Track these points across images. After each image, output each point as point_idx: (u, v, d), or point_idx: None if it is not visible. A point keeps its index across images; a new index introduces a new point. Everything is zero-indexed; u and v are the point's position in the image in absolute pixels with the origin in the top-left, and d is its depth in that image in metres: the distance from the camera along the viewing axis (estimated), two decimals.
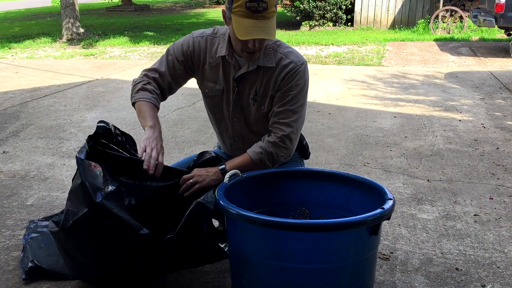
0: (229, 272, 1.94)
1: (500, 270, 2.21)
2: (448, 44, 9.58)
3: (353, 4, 12.33)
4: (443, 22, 11.03)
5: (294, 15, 12.46)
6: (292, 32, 11.85)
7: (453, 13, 11.01)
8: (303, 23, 12.40)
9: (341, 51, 8.95)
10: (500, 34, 10.13)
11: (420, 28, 11.22)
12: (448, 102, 5.27)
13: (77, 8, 11.25)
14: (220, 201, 1.72)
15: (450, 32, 10.85)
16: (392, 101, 5.38)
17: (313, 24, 12.28)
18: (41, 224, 2.51)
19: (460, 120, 4.60)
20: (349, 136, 4.19)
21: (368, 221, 1.60)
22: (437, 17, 11.02)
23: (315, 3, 11.96)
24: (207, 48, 2.08)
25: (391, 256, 2.33)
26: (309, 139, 3.87)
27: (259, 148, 2.03)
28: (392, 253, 2.36)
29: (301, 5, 12.03)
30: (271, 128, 2.05)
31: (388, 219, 1.68)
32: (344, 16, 12.34)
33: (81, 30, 11.19)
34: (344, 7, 12.26)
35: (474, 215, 2.74)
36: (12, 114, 5.00)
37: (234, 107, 2.11)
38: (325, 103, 5.33)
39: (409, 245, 2.42)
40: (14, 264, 2.28)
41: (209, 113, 2.27)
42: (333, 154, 3.76)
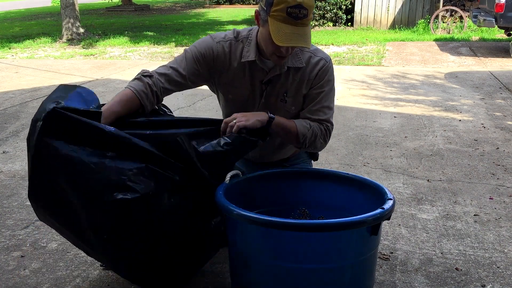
0: (229, 272, 1.94)
1: (500, 270, 2.21)
2: (448, 44, 9.58)
3: (353, 4, 12.33)
4: (443, 22, 11.03)
5: None
6: None
7: (453, 13, 11.01)
8: None
9: (341, 51, 8.95)
10: (500, 34, 10.13)
11: (420, 28, 11.22)
12: (448, 102, 5.27)
13: (77, 8, 11.25)
14: (220, 201, 1.72)
15: (450, 32, 10.85)
16: (392, 101, 5.38)
17: (313, 24, 12.28)
18: None
19: (460, 120, 4.60)
20: (349, 136, 4.19)
21: (368, 221, 1.60)
22: (437, 17, 11.02)
23: (315, 3, 11.97)
24: (231, 53, 2.02)
25: (391, 256, 2.33)
26: None
27: (307, 124, 2.00)
28: (392, 253, 2.36)
29: None
30: (308, 116, 2.05)
31: (388, 219, 1.68)
32: (344, 16, 12.35)
33: (81, 30, 11.20)
34: (344, 7, 12.26)
35: (474, 215, 2.74)
36: (12, 114, 5.00)
37: (260, 110, 2.06)
38: None
39: (409, 245, 2.42)
40: (14, 264, 2.28)
41: (227, 116, 2.21)
42: (333, 154, 3.76)
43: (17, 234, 2.56)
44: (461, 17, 10.93)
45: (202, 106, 5.23)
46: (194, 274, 2.07)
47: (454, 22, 11.06)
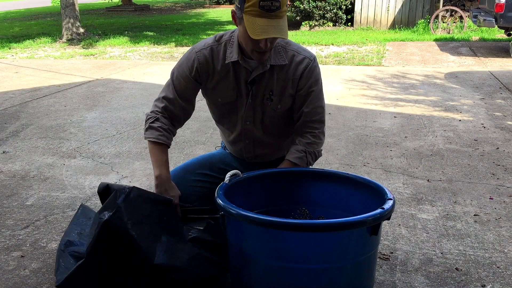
0: (229, 272, 1.94)
1: (500, 270, 2.21)
2: (448, 44, 9.58)
3: (353, 4, 12.33)
4: (443, 22, 11.03)
5: (294, 15, 12.46)
6: (292, 32, 11.85)
7: (453, 13, 11.01)
8: (303, 23, 12.40)
9: (341, 51, 8.95)
10: (500, 34, 10.13)
11: (420, 28, 11.22)
12: (448, 102, 5.28)
13: (77, 8, 11.25)
14: (220, 201, 1.72)
15: (450, 32, 10.85)
16: (392, 101, 5.38)
17: (313, 24, 12.28)
18: None
19: (460, 120, 4.60)
20: (349, 136, 4.19)
21: (368, 221, 1.60)
22: (437, 17, 11.02)
23: (315, 3, 11.97)
24: (213, 58, 2.05)
25: (391, 256, 2.33)
26: None
27: (300, 153, 2.07)
28: (392, 253, 2.36)
29: (301, 5, 12.04)
30: (303, 128, 2.10)
31: (388, 219, 1.68)
32: (344, 16, 12.34)
33: (81, 30, 11.20)
34: (344, 7, 12.26)
35: (474, 215, 2.74)
36: (12, 114, 5.00)
37: (247, 111, 2.10)
38: (325, 103, 5.32)
39: (409, 245, 2.42)
40: (14, 264, 2.28)
41: (218, 120, 2.24)
42: (333, 154, 3.75)
43: (17, 234, 2.56)
44: (461, 17, 10.93)
45: (202, 106, 5.21)
46: None
47: (454, 22, 11.06)
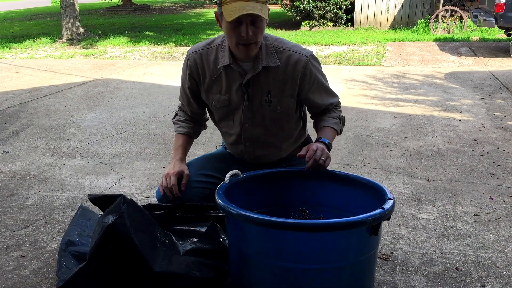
0: (229, 272, 1.94)
1: (500, 270, 2.21)
2: (448, 44, 9.58)
3: (353, 4, 12.33)
4: (443, 22, 11.03)
5: (294, 15, 12.46)
6: (292, 32, 11.85)
7: (453, 13, 11.01)
8: (303, 23, 12.41)
9: (341, 51, 8.95)
10: (500, 34, 10.13)
11: (420, 28, 11.23)
12: (448, 102, 5.28)
13: (77, 8, 11.25)
14: (220, 201, 1.72)
15: (450, 32, 10.85)
16: (392, 101, 5.38)
17: (313, 24, 12.29)
18: None
19: (460, 120, 4.60)
20: (349, 136, 4.19)
21: (368, 221, 1.60)
22: (437, 17, 11.02)
23: (315, 3, 11.97)
24: (203, 62, 2.08)
25: (391, 256, 2.33)
26: None
27: (335, 119, 2.16)
28: (392, 253, 2.36)
29: (301, 5, 12.04)
30: (323, 112, 2.17)
31: (388, 219, 1.68)
32: (344, 16, 12.35)
33: (81, 30, 11.20)
34: (344, 7, 12.26)
35: (474, 215, 2.74)
36: (12, 114, 5.00)
37: (245, 113, 2.10)
38: None
39: (409, 245, 2.42)
40: (14, 264, 2.28)
41: (217, 123, 2.27)
42: (333, 154, 3.75)
43: (17, 234, 2.56)
44: (461, 17, 10.94)
45: None
46: None
47: (454, 22, 11.06)
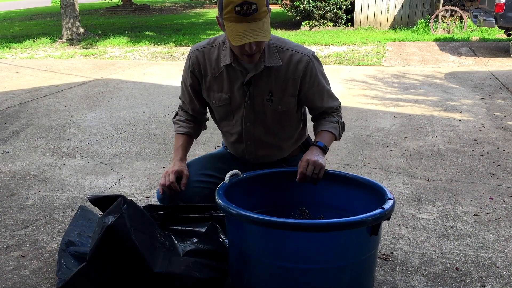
0: (229, 272, 1.94)
1: (500, 270, 2.21)
2: (448, 44, 9.58)
3: (353, 4, 12.33)
4: (443, 22, 11.03)
5: (294, 15, 12.46)
6: (292, 32, 11.86)
7: (453, 13, 11.01)
8: (303, 23, 12.40)
9: (341, 51, 8.95)
10: (500, 34, 10.13)
11: (420, 28, 11.23)
12: (448, 102, 5.28)
13: (77, 8, 11.25)
14: (220, 201, 1.72)
15: (450, 32, 10.85)
16: (392, 101, 5.38)
17: (313, 24, 12.28)
18: None
19: (460, 120, 4.60)
20: (349, 136, 4.19)
21: (368, 221, 1.60)
22: (437, 17, 11.02)
23: (315, 3, 11.97)
24: (205, 60, 2.08)
25: (391, 256, 2.33)
26: None
27: (334, 123, 2.14)
28: (392, 253, 2.36)
29: (301, 5, 12.04)
30: (323, 115, 2.18)
31: (388, 219, 1.68)
32: (344, 16, 12.35)
33: (81, 30, 11.20)
34: (344, 7, 12.26)
35: (474, 215, 2.74)
36: (12, 114, 5.00)
37: (246, 112, 2.10)
38: None
39: (409, 245, 2.42)
40: (14, 264, 2.28)
41: (218, 123, 2.27)
42: (333, 154, 3.75)
43: (17, 234, 2.56)
44: (461, 17, 10.94)
45: None
46: None
47: (454, 22, 11.06)
